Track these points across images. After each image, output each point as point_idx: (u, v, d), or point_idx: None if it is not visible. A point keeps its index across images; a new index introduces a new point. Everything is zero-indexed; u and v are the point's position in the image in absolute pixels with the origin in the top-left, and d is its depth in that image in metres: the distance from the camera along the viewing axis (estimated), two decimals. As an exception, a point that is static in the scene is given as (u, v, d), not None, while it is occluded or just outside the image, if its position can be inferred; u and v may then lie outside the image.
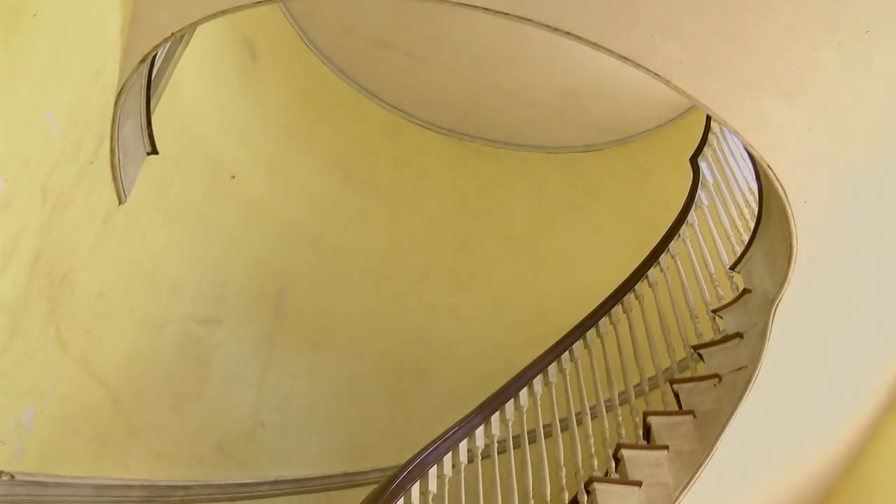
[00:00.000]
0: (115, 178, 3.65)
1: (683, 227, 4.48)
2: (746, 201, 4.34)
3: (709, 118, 4.77)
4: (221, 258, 4.96)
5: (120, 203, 3.81)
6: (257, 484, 4.54)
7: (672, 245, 4.43)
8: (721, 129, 4.70)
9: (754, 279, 3.83)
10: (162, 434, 4.13)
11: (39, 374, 3.17)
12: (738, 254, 4.04)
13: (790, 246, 3.15)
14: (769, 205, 3.54)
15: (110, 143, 3.48)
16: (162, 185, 4.44)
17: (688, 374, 3.99)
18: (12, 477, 2.98)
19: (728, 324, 3.98)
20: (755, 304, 3.77)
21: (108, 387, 3.78)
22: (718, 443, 3.53)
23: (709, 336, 4.08)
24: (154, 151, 4.06)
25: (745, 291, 3.87)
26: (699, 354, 4.02)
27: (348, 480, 4.99)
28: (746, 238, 4.03)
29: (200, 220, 4.83)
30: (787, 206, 3.00)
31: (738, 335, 3.82)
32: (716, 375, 3.81)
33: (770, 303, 3.43)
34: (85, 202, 3.34)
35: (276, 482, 4.64)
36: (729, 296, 4.10)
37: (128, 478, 3.78)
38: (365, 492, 2.99)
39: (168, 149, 4.33)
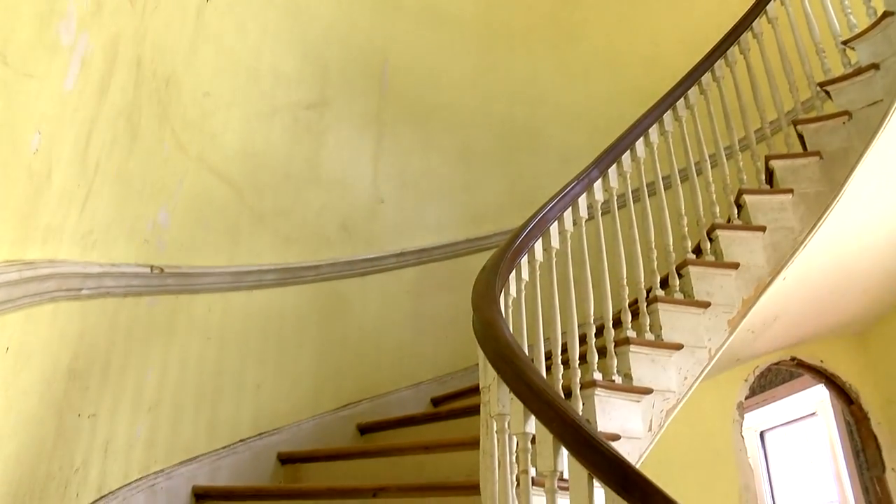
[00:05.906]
0: (197, -28, 3.57)
1: (808, -52, 4.03)
2: None
3: None
4: (319, 40, 4.87)
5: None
6: (383, 258, 4.74)
7: (795, -29, 4.01)
8: None
9: (897, 0, 3.46)
10: (287, 219, 4.31)
11: (164, 174, 3.30)
12: (877, -28, 3.64)
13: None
14: None
15: (184, -67, 3.37)
16: (246, -28, 4.31)
17: (813, 114, 3.75)
18: (162, 270, 3.22)
19: (861, 55, 3.66)
20: (897, 28, 3.43)
21: (228, 180, 3.92)
22: (848, 183, 3.39)
23: (837, 72, 3.77)
24: (232, -65, 3.91)
25: (886, 15, 3.50)
26: (826, 92, 3.75)
27: (470, 246, 5.15)
28: (887, -48, 3.60)
29: (292, 4, 4.70)
30: None
31: (874, 66, 3.52)
32: (845, 113, 3.57)
33: (917, 25, 3.11)
34: (173, 1, 3.29)
35: (401, 254, 4.83)
36: (864, 23, 3.73)
37: (261, 263, 4.02)
38: (487, 256, 3.03)
39: (245, -68, 4.16)
